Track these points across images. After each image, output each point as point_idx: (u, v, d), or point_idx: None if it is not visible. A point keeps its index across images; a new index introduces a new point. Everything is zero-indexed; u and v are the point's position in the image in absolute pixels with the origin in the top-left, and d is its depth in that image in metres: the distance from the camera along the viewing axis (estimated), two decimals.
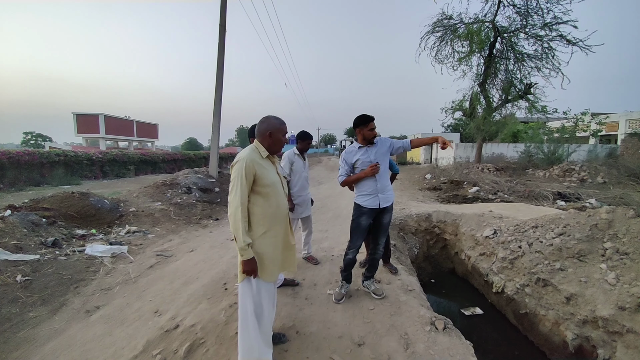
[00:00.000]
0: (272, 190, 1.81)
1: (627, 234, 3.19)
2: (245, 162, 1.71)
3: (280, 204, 1.88)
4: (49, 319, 2.58)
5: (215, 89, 9.25)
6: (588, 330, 2.77)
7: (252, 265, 1.69)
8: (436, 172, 13.81)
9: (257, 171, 1.75)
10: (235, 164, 1.74)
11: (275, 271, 1.83)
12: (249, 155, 1.76)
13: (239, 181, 1.69)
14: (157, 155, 19.14)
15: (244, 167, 1.70)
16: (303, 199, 3.35)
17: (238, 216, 1.66)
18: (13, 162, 10.68)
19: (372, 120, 2.57)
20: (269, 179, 1.80)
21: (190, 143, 54.79)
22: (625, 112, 20.11)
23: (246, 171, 1.70)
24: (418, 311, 2.50)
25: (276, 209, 1.84)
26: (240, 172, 1.69)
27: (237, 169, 1.71)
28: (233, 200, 1.68)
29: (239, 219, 1.66)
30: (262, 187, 1.77)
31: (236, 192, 1.68)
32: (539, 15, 11.01)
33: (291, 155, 3.28)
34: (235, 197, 1.68)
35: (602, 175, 9.61)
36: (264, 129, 1.86)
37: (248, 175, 1.71)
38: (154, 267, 3.74)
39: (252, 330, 1.75)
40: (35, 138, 36.97)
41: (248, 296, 1.76)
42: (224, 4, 9.22)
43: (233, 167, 1.74)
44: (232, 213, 1.67)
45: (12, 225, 3.94)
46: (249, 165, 1.71)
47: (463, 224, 5.08)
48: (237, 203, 1.67)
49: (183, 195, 7.18)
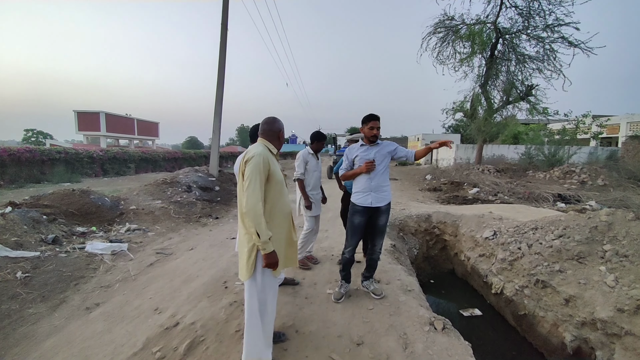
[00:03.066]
0: (281, 187, 1.83)
1: (626, 236, 3.20)
2: (262, 157, 1.71)
3: (285, 201, 1.90)
4: (49, 316, 2.58)
5: (217, 88, 9.26)
6: (586, 332, 2.77)
7: (275, 258, 1.68)
8: (436, 173, 13.80)
9: (270, 167, 1.75)
10: (251, 159, 1.70)
11: (280, 267, 1.83)
12: (263, 151, 1.76)
13: (257, 176, 1.67)
14: (158, 154, 19.17)
15: (262, 162, 1.69)
16: (315, 198, 3.40)
17: (259, 211, 1.64)
18: (14, 159, 10.69)
19: (374, 120, 2.58)
20: (278, 175, 1.82)
21: (191, 142, 54.82)
22: (626, 114, 20.07)
23: (263, 166, 1.69)
24: (417, 311, 2.50)
25: (283, 206, 1.86)
26: (258, 167, 1.68)
27: (254, 163, 1.68)
28: (252, 195, 1.65)
29: (260, 214, 1.64)
30: (274, 184, 1.78)
31: (254, 186, 1.65)
32: (540, 16, 11.01)
33: (306, 155, 3.36)
34: (255, 191, 1.65)
35: (603, 177, 9.60)
36: (277, 128, 1.91)
37: (265, 170, 1.71)
38: (153, 265, 3.74)
39: (256, 330, 1.76)
40: (36, 135, 36.97)
41: (254, 294, 1.76)
42: (225, 4, 9.22)
43: (248, 162, 1.71)
44: (252, 208, 1.63)
45: (12, 222, 3.94)
46: (265, 161, 1.71)
47: (463, 225, 5.09)
48: (257, 198, 1.65)
49: (183, 194, 7.18)
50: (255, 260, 1.74)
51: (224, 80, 9.36)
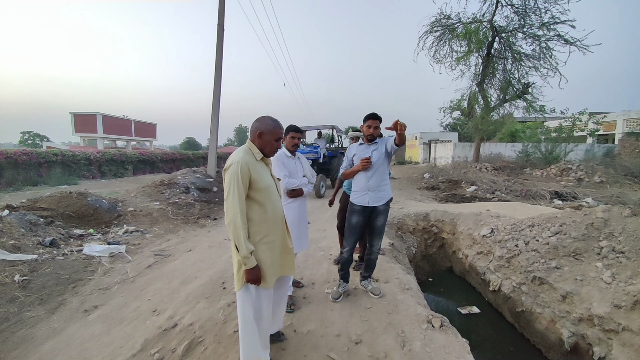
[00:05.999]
0: (267, 193, 1.71)
1: (623, 232, 3.22)
2: (240, 165, 1.59)
3: (276, 207, 1.78)
4: (47, 319, 2.58)
5: (214, 88, 9.23)
6: (584, 328, 2.79)
7: (256, 274, 1.61)
8: (434, 171, 13.85)
9: (252, 174, 1.63)
10: (228, 168, 1.62)
11: (274, 277, 1.76)
12: (242, 157, 1.64)
13: (235, 186, 1.57)
14: (155, 155, 19.10)
15: (239, 171, 1.58)
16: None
17: (238, 223, 1.56)
18: (10, 161, 10.64)
19: (371, 119, 2.59)
20: (264, 181, 1.70)
21: (189, 143, 54.63)
22: (622, 111, 20.17)
23: (242, 174, 1.58)
24: (415, 309, 2.51)
25: (273, 213, 1.74)
26: (235, 176, 1.58)
27: (231, 172, 1.59)
28: (231, 206, 1.56)
29: (240, 226, 1.56)
30: (258, 192, 1.66)
31: (233, 197, 1.56)
32: (536, 15, 11.08)
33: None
34: (234, 203, 1.56)
35: (599, 174, 9.66)
36: (254, 128, 1.75)
37: (244, 178, 1.59)
38: (152, 266, 3.74)
39: (252, 335, 1.72)
40: (33, 138, 36.80)
41: (248, 302, 1.69)
42: (222, 4, 9.20)
43: (226, 171, 1.62)
44: (232, 220, 1.56)
45: (9, 225, 3.93)
46: (244, 169, 1.60)
47: (461, 223, 5.11)
48: (236, 209, 1.56)
49: (181, 195, 7.17)
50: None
51: (221, 81, 9.34)
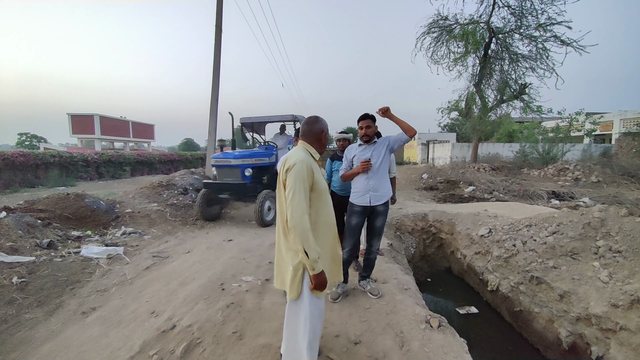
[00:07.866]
0: (325, 196, 1.66)
1: (619, 232, 3.24)
2: (305, 165, 1.53)
3: (330, 212, 1.72)
4: (45, 321, 2.57)
5: (212, 89, 9.23)
6: (581, 328, 2.81)
7: (324, 278, 1.51)
8: (433, 171, 13.86)
9: (314, 175, 1.56)
10: (292, 167, 1.52)
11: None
12: (305, 157, 1.57)
13: (301, 185, 1.49)
14: (154, 156, 19.04)
15: (305, 170, 1.51)
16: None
17: (306, 225, 1.46)
18: (8, 163, 10.58)
19: (363, 119, 2.60)
20: (323, 183, 1.64)
21: (187, 144, 54.47)
22: (619, 111, 20.31)
23: (307, 174, 1.52)
24: (413, 310, 2.52)
25: (327, 217, 1.68)
26: (301, 176, 1.50)
27: (296, 171, 1.50)
28: (297, 206, 1.47)
29: (307, 229, 1.46)
30: (318, 193, 1.61)
31: (299, 197, 1.47)
32: (533, 16, 11.14)
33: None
34: (300, 203, 1.47)
35: (596, 174, 9.72)
36: (318, 128, 1.70)
37: (309, 179, 1.53)
38: (150, 268, 3.73)
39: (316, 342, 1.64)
40: (30, 139, 36.58)
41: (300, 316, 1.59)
42: (219, 5, 9.21)
43: (289, 171, 1.53)
44: (298, 222, 1.46)
45: (7, 227, 3.91)
46: (309, 169, 1.53)
47: (459, 223, 5.13)
48: (303, 210, 1.47)
49: (179, 196, 7.15)
50: (302, 279, 1.57)
51: (219, 82, 9.34)
